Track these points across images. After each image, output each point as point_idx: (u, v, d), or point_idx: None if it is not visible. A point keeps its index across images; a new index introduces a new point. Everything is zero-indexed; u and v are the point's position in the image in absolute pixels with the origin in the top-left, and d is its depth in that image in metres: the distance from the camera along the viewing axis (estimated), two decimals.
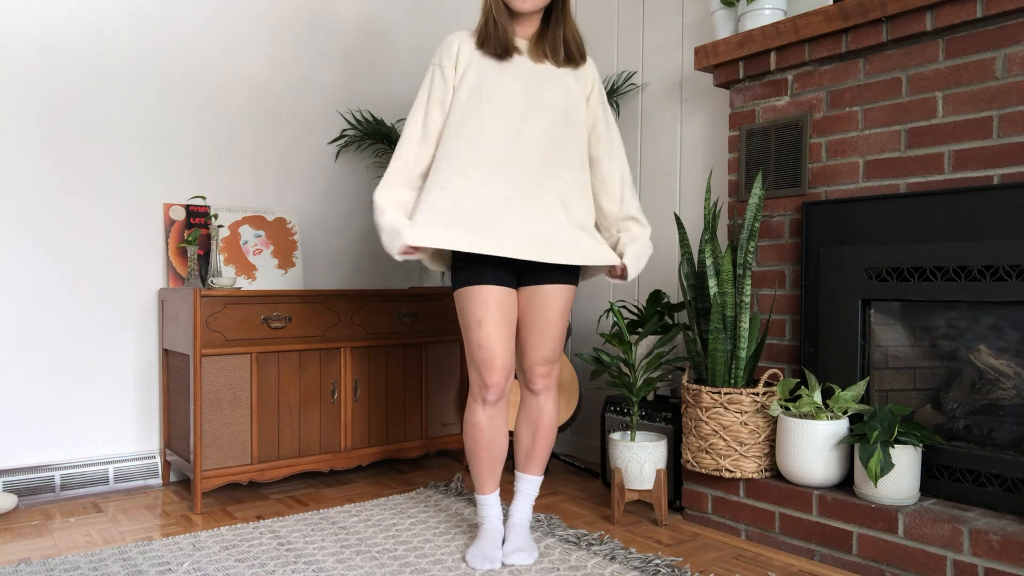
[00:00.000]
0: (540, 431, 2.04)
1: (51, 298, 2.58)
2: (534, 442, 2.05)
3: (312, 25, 3.13)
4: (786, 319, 2.33)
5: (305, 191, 3.12)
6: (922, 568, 1.81)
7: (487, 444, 1.98)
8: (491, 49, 1.93)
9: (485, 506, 2.03)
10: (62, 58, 2.59)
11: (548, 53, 1.96)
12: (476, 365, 1.93)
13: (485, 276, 1.91)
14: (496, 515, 2.03)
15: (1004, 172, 1.89)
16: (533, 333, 1.99)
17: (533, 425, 2.05)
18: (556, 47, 1.96)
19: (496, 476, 2.02)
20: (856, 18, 2.07)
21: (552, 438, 2.06)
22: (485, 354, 1.91)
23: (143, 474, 2.72)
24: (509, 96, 1.90)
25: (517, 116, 1.90)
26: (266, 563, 1.95)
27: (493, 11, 1.93)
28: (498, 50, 1.92)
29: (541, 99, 1.92)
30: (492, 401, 1.95)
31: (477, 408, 1.97)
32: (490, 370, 1.91)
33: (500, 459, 2.01)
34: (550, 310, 1.97)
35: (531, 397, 2.05)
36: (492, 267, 1.91)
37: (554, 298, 1.97)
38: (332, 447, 2.70)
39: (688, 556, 2.04)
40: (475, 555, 1.94)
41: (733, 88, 2.47)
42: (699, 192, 2.79)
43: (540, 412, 2.04)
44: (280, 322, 2.56)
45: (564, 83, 1.96)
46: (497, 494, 2.04)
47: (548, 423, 2.05)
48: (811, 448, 2.01)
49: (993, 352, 1.97)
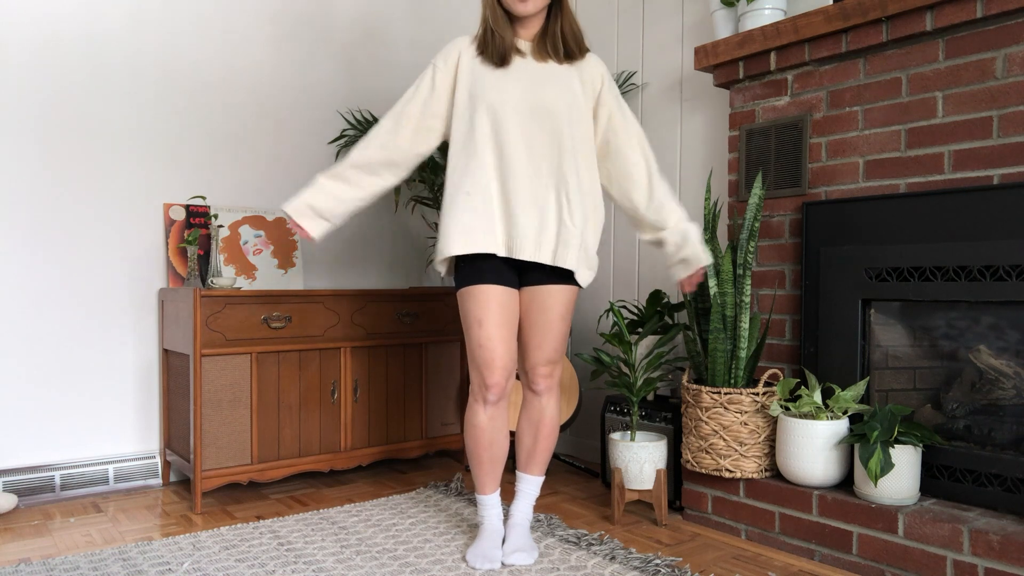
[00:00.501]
0: (542, 431, 2.04)
1: (51, 298, 2.58)
2: (535, 442, 2.05)
3: (312, 25, 3.13)
4: (786, 319, 2.33)
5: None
6: (922, 568, 1.81)
7: (488, 444, 1.98)
8: (489, 58, 1.93)
9: (485, 506, 2.03)
10: (61, 57, 2.59)
11: (550, 51, 1.95)
12: (477, 365, 1.93)
13: (486, 276, 1.91)
14: (496, 515, 2.03)
15: (1004, 172, 1.89)
16: (535, 334, 1.98)
17: (535, 425, 2.04)
18: (556, 44, 1.95)
19: (497, 476, 2.02)
20: (856, 18, 2.07)
21: (554, 438, 2.06)
22: (486, 354, 1.91)
23: (143, 474, 2.72)
24: (509, 99, 1.90)
25: (517, 119, 1.90)
26: (266, 563, 1.95)
27: (490, 20, 1.93)
28: (495, 59, 1.92)
29: (542, 100, 1.91)
30: (493, 401, 1.95)
31: (478, 408, 1.97)
32: (491, 370, 1.91)
33: (501, 459, 2.01)
34: (551, 311, 1.97)
35: (533, 397, 2.04)
36: (493, 267, 1.92)
37: (556, 299, 1.96)
38: (332, 447, 2.70)
39: (688, 556, 2.04)
40: (475, 555, 1.94)
41: (733, 88, 2.47)
42: (699, 192, 2.79)
43: (542, 412, 2.04)
44: (280, 322, 2.56)
45: (567, 82, 1.95)
46: (498, 494, 2.04)
47: (550, 424, 2.04)
48: (811, 448, 2.01)
49: (993, 352, 1.97)
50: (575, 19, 1.99)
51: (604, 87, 2.01)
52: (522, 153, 1.89)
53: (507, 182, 1.89)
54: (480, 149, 1.90)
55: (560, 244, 1.91)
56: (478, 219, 1.89)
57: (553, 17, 1.96)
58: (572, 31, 1.97)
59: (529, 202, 1.89)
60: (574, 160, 1.93)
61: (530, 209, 1.89)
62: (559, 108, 1.92)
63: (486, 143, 1.90)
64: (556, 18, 1.95)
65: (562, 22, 1.95)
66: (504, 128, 1.89)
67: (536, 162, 1.90)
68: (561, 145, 1.92)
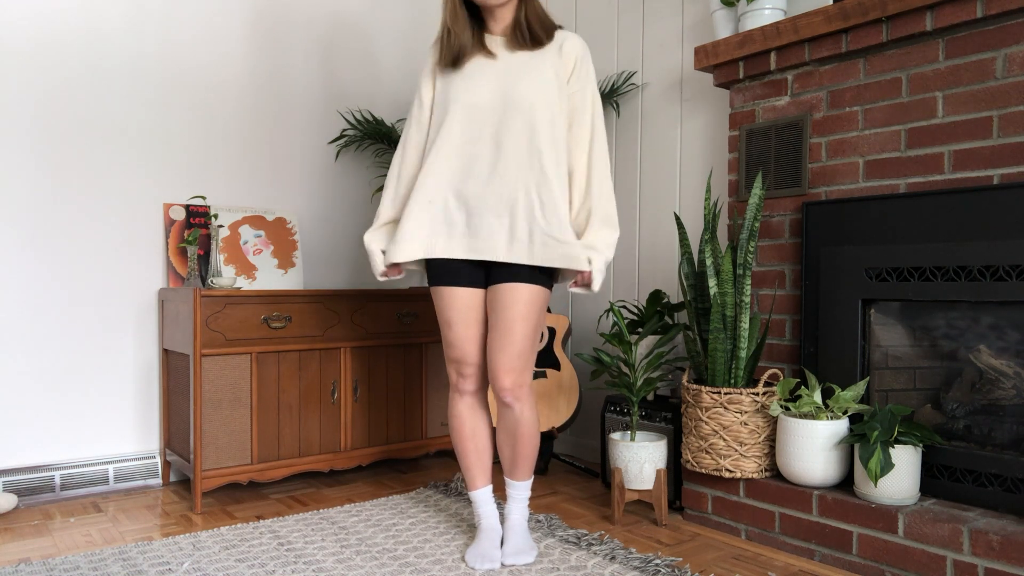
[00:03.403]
0: (520, 440, 1.97)
1: (51, 298, 2.58)
2: (515, 451, 1.99)
3: (312, 25, 3.12)
4: (786, 319, 2.33)
5: (305, 191, 3.12)
6: (922, 568, 1.81)
7: (470, 434, 2.02)
8: (444, 61, 1.94)
9: (479, 503, 2.04)
10: (61, 57, 2.59)
11: (519, 40, 1.93)
12: (450, 360, 2.01)
13: (449, 277, 1.94)
14: (491, 511, 2.04)
15: (1004, 172, 1.89)
16: (495, 336, 1.91)
17: (512, 435, 1.98)
18: (523, 32, 1.92)
19: (485, 468, 2.05)
20: (856, 18, 2.07)
21: (535, 442, 1.99)
22: (456, 352, 1.98)
23: (143, 474, 2.72)
24: (477, 98, 1.90)
25: (486, 116, 1.90)
26: (266, 563, 1.95)
27: (448, 20, 1.92)
28: (448, 61, 1.93)
29: (513, 95, 1.88)
30: (470, 391, 2.01)
31: (456, 398, 2.03)
32: (463, 365, 1.99)
33: (486, 450, 2.05)
34: (508, 309, 1.88)
35: (504, 409, 1.96)
36: (458, 267, 1.94)
37: (515, 297, 1.88)
38: (332, 447, 2.70)
39: (688, 556, 2.04)
40: (474, 555, 1.94)
41: (733, 88, 2.47)
42: (699, 192, 2.79)
43: (517, 421, 1.95)
44: (280, 322, 2.56)
45: (540, 73, 1.91)
46: (489, 489, 2.05)
47: (527, 431, 1.96)
48: (811, 448, 2.01)
49: (993, 352, 1.97)
50: (539, 4, 1.96)
51: (574, 74, 1.95)
52: (491, 151, 1.89)
53: (472, 182, 1.89)
54: (445, 150, 1.91)
55: (521, 242, 1.86)
56: (429, 222, 1.91)
57: (519, 5, 1.94)
58: (538, 16, 1.94)
59: (496, 201, 1.87)
60: (554, 152, 1.89)
61: (497, 208, 1.87)
62: (531, 102, 1.88)
63: (453, 143, 1.91)
64: (522, 6, 1.93)
65: (527, 10, 1.93)
66: (474, 127, 1.90)
67: (507, 160, 1.88)
68: (538, 140, 1.88)
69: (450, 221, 1.91)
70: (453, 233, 1.91)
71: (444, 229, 1.91)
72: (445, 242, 1.91)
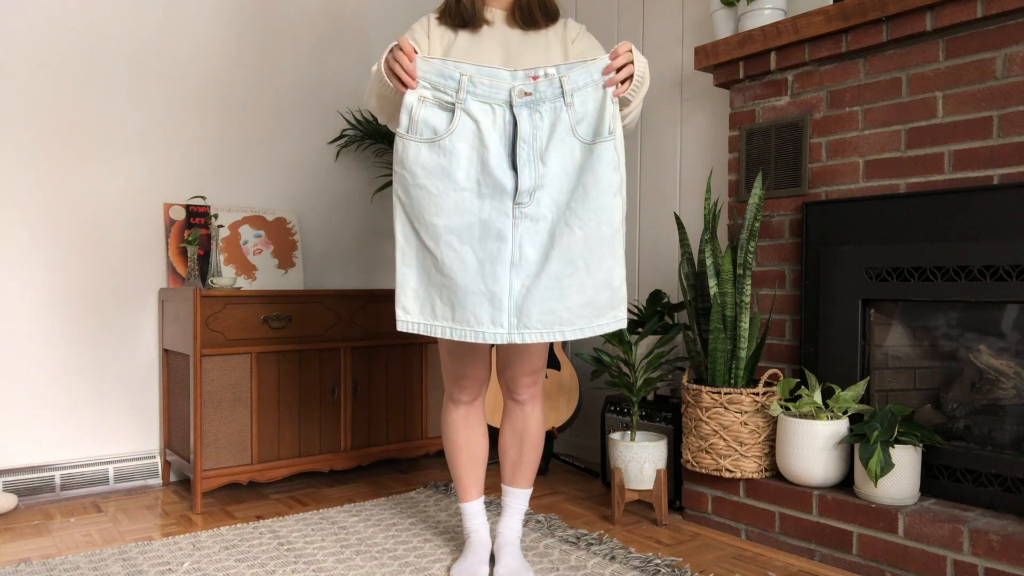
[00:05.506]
0: (527, 442, 1.92)
1: (51, 298, 2.58)
2: (521, 454, 1.93)
3: (313, 24, 3.13)
4: (786, 319, 2.33)
5: (305, 191, 3.12)
6: (922, 568, 1.81)
7: (465, 443, 1.92)
8: (456, 20, 1.80)
9: (469, 515, 1.94)
10: (61, 57, 2.59)
11: (518, 20, 1.84)
12: (447, 371, 1.90)
13: None
14: (482, 524, 1.94)
15: (1004, 172, 1.89)
16: (514, 346, 1.85)
17: (519, 436, 1.93)
18: (523, 12, 1.83)
19: (479, 480, 1.95)
20: (856, 18, 2.07)
21: (540, 449, 1.95)
22: (456, 367, 1.87)
23: (143, 474, 2.72)
24: (487, 62, 1.78)
25: None
26: (266, 563, 1.95)
27: None
28: (460, 21, 1.80)
29: (519, 64, 1.79)
30: (466, 401, 1.91)
31: (450, 407, 1.93)
32: (460, 378, 1.88)
33: (480, 460, 1.95)
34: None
35: (516, 407, 1.93)
36: None
37: None
38: (332, 447, 2.70)
39: (688, 556, 2.04)
40: (461, 570, 1.84)
41: (733, 88, 2.47)
42: (699, 192, 2.79)
43: (526, 422, 1.92)
44: (280, 322, 2.56)
45: (547, 47, 1.83)
46: (481, 501, 1.96)
47: (535, 433, 1.93)
48: (811, 448, 2.01)
49: (993, 352, 1.97)
50: None
51: (579, 38, 1.86)
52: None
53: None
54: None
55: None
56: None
57: None
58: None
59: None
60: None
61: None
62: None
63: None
64: None
65: None
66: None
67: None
68: None
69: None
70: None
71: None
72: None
